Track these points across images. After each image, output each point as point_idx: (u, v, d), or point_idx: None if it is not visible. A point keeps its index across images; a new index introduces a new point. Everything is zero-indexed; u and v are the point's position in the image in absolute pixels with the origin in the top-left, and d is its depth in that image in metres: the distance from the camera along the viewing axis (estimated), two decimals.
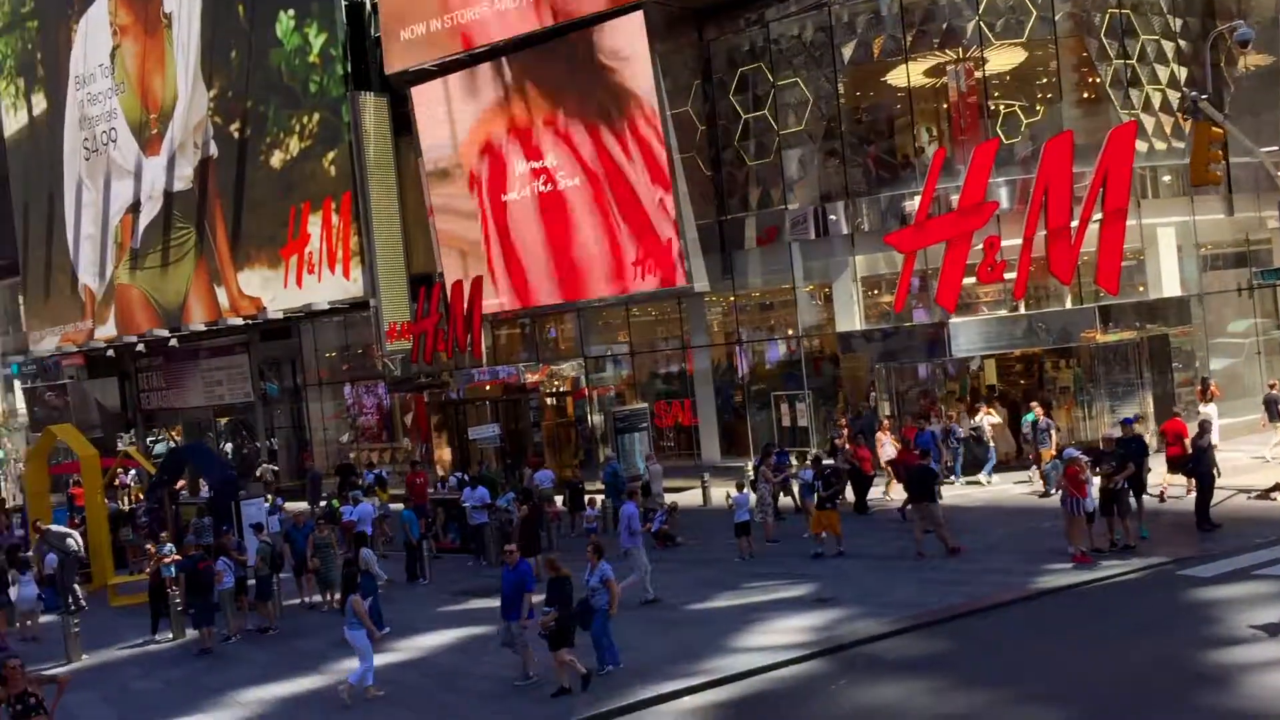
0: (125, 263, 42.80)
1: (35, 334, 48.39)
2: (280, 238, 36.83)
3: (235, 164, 38.25)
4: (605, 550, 14.96)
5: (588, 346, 33.18)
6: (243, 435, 43.71)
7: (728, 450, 30.36)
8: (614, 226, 29.41)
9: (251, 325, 38.95)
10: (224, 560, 19.09)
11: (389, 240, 34.69)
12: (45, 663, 19.11)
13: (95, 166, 43.93)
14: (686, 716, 12.85)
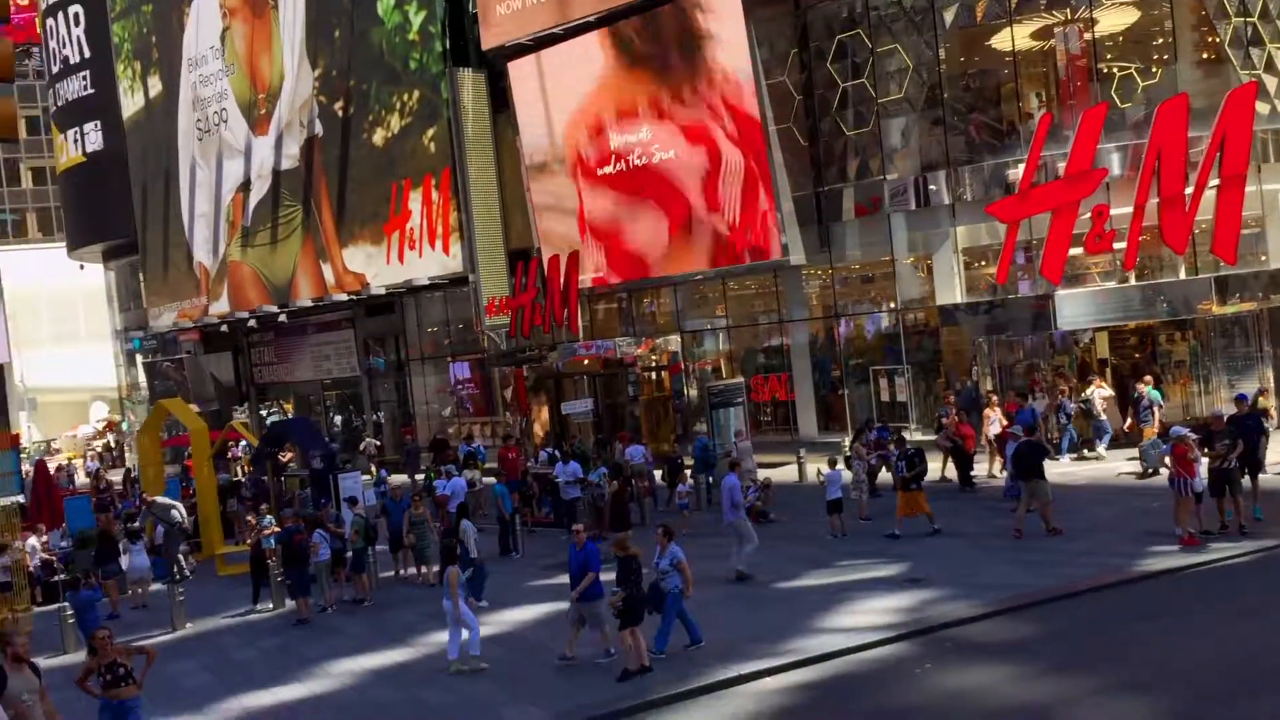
0: (237, 240, 43.93)
1: (154, 310, 50.03)
2: (383, 214, 37.37)
3: (339, 142, 38.88)
4: (675, 532, 14.84)
5: (684, 321, 33.00)
6: (350, 409, 44.64)
7: (825, 426, 29.96)
8: (709, 199, 29.13)
9: (356, 301, 39.67)
10: (320, 533, 19.46)
11: (487, 216, 34.96)
12: (153, 630, 19.81)
13: (208, 147, 45.10)
14: (767, 697, 12.67)
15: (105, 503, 27.69)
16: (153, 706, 14.74)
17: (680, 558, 14.10)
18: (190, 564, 25.22)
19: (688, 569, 14.09)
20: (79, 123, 54.35)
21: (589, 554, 14.10)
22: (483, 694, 13.68)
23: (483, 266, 34.50)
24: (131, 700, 11.43)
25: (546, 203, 33.44)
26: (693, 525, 22.80)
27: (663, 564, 14.02)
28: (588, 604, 13.93)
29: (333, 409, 45.78)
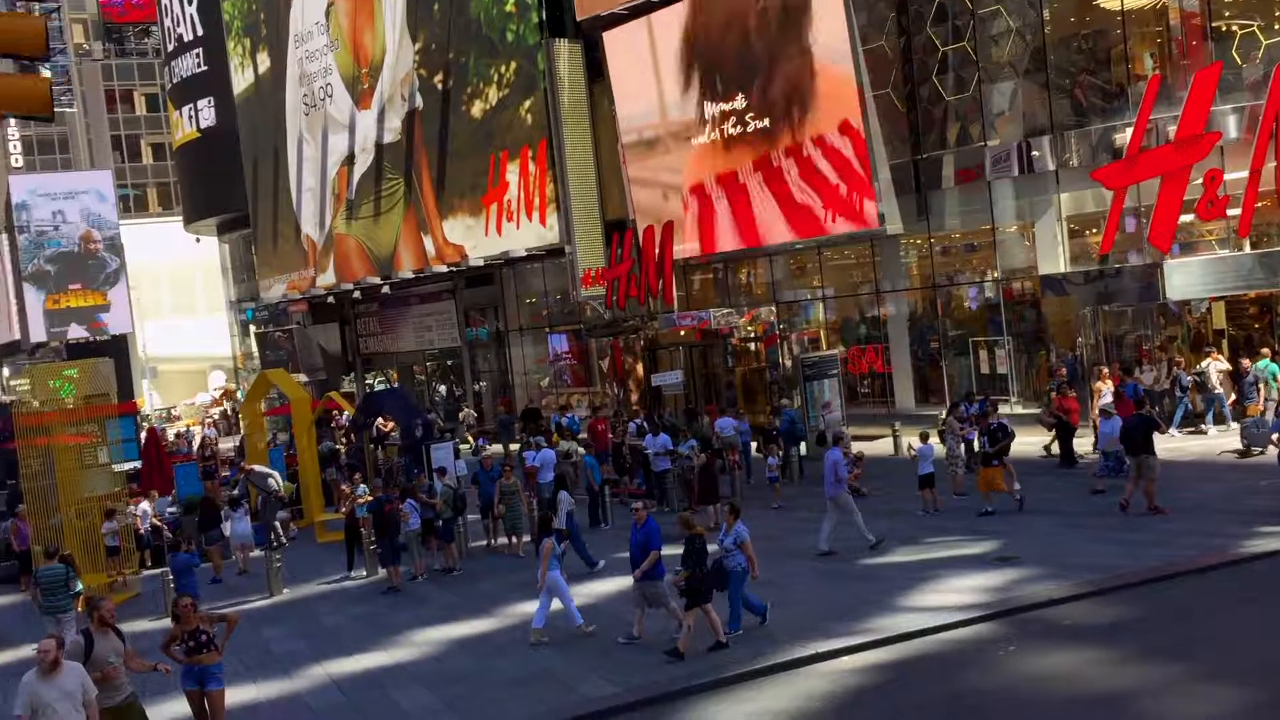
0: (342, 213, 44.77)
1: (265, 282, 51.39)
2: (481, 186, 37.68)
3: (439, 115, 39.27)
4: (741, 510, 14.62)
5: (780, 291, 32.64)
6: (451, 379, 45.29)
7: (923, 398, 29.38)
8: (805, 168, 28.65)
9: (456, 272, 40.14)
10: (410, 502, 19.74)
11: (583, 186, 34.98)
12: (253, 595, 20.38)
13: (314, 121, 45.98)
14: (842, 677, 12.47)
15: (210, 470, 28.59)
16: (244, 671, 15.22)
17: (744, 537, 13.89)
18: (291, 531, 25.91)
19: (750, 548, 13.86)
20: (193, 99, 56.02)
21: (649, 532, 13.99)
22: (557, 666, 13.74)
23: (579, 238, 34.57)
24: (213, 666, 11.72)
25: (641, 173, 33.31)
26: (783, 499, 22.64)
27: (727, 542, 13.85)
28: (649, 583, 13.84)
29: (435, 379, 46.51)
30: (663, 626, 14.08)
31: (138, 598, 21.50)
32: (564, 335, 39.09)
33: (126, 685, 11.40)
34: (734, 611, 13.94)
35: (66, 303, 74.45)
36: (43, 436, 22.23)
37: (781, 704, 11.84)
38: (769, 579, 16.66)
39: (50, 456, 21.87)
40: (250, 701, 13.95)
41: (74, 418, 23.06)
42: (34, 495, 22.18)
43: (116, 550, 21.61)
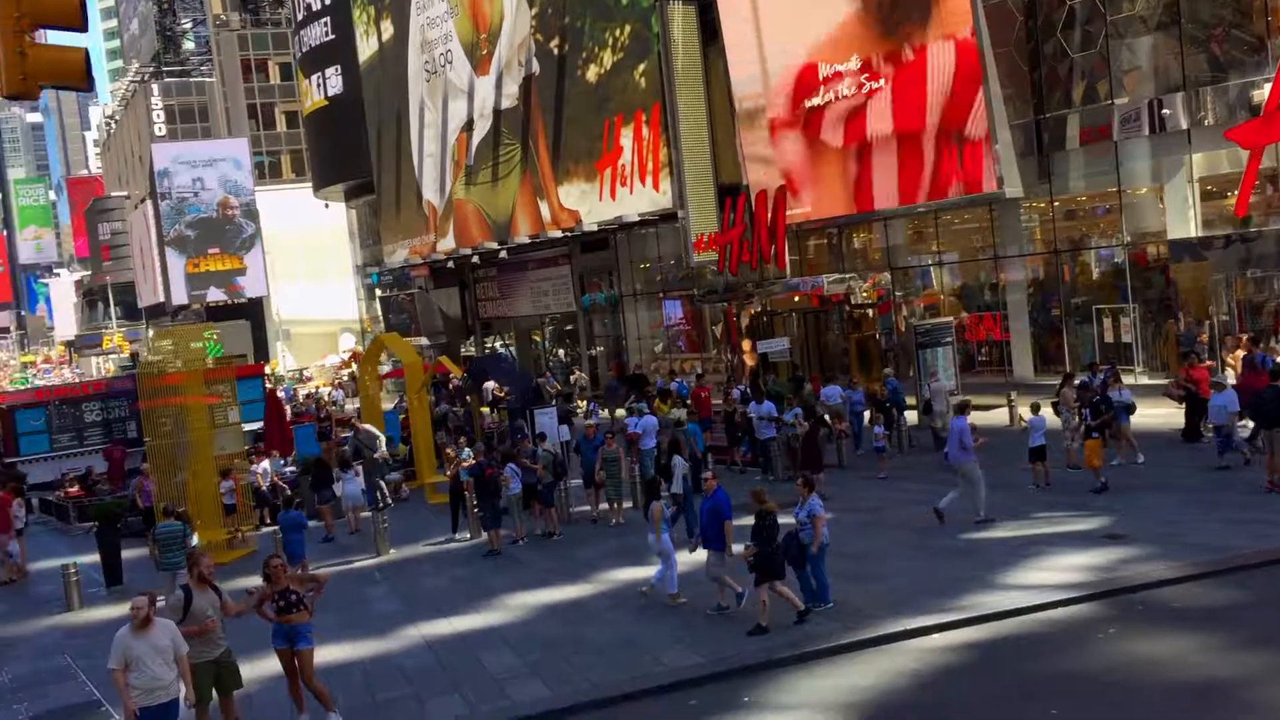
0: (461, 179, 45.34)
1: (389, 247, 52.43)
2: (596, 151, 37.68)
3: (555, 80, 39.33)
4: (816, 484, 14.39)
5: (896, 257, 31.89)
6: (567, 344, 45.60)
7: (1042, 367, 28.43)
8: (922, 130, 27.86)
9: (572, 237, 40.28)
10: (512, 467, 19.93)
11: (697, 151, 34.67)
12: (361, 554, 20.86)
13: (435, 88, 46.57)
14: (930, 655, 12.14)
15: (325, 431, 29.35)
16: (343, 629, 15.59)
17: (817, 511, 13.57)
18: (403, 492, 26.47)
19: (820, 523, 13.53)
20: (321, 68, 57.28)
21: (718, 502, 13.80)
22: (645, 635, 13.71)
23: (692, 202, 34.32)
24: (302, 625, 11.99)
25: (755, 136, 32.84)
26: (889, 469, 22.18)
27: (800, 515, 13.57)
28: (718, 554, 13.68)
29: (552, 343, 46.90)
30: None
31: (254, 554, 22.21)
32: (678, 301, 38.95)
33: (223, 641, 11.75)
34: (821, 583, 13.70)
35: (206, 266, 77.64)
36: (173, 396, 22.95)
37: (865, 680, 11.60)
38: (864, 551, 16.48)
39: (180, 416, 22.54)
40: (346, 660, 14.26)
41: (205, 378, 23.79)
42: (161, 454, 23.01)
43: (234, 508, 22.33)
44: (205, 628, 11.52)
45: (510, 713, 11.79)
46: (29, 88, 8.96)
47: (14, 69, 8.85)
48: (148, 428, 23.65)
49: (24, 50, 8.84)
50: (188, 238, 77.11)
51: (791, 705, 11.19)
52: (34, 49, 8.92)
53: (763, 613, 13.11)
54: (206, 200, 77.02)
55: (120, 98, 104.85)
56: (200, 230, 77.18)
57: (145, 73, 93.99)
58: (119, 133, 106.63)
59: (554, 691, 12.21)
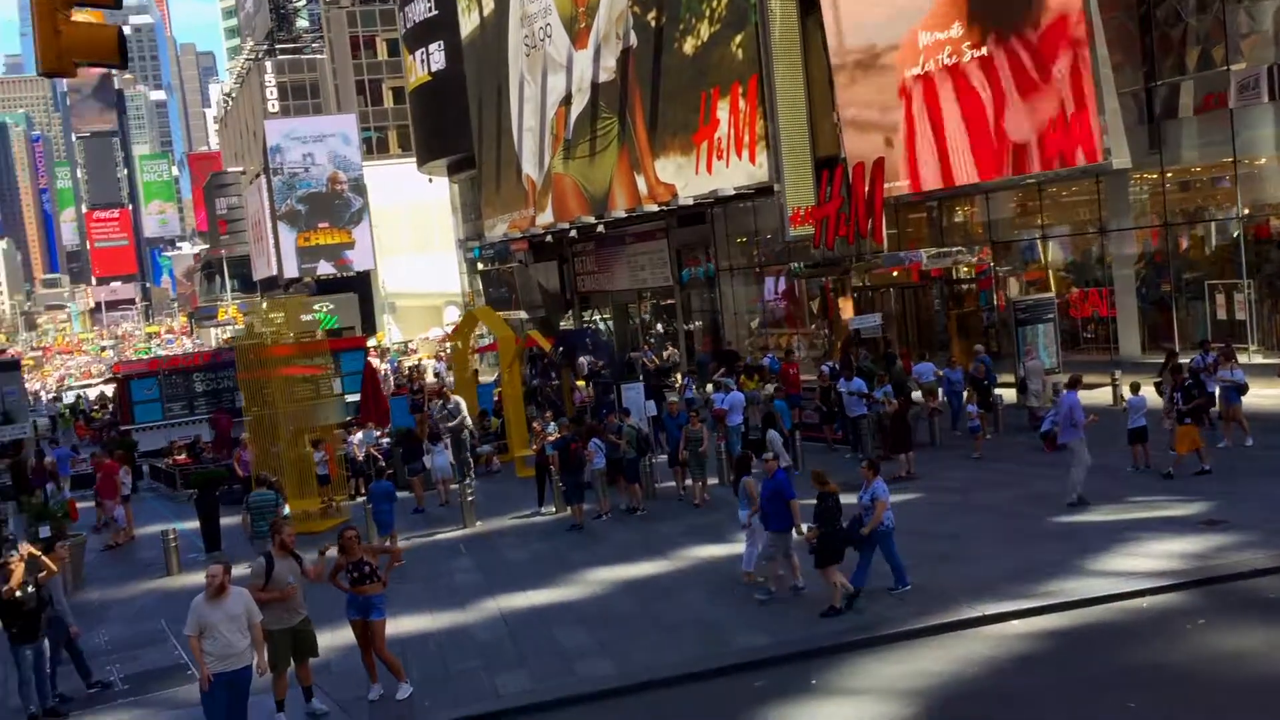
0: (560, 153, 45.42)
1: (489, 221, 52.89)
2: (692, 124, 37.37)
3: (652, 53, 39.07)
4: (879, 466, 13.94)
5: (997, 231, 31.01)
6: (664, 318, 45.51)
7: (1150, 345, 27.39)
8: (1025, 99, 26.95)
9: (668, 211, 40.08)
10: (595, 441, 19.94)
11: (794, 123, 34.13)
12: (449, 526, 21.10)
13: (534, 62, 46.69)
14: (1008, 642, 11.80)
15: (418, 404, 29.76)
16: (424, 600, 15.81)
17: (880, 495, 13.20)
18: (495, 465, 26.73)
19: (881, 507, 13.15)
20: (424, 43, 57.90)
21: (778, 483, 13.58)
22: (717, 614, 13.59)
23: (788, 176, 33.82)
24: (375, 596, 12.15)
25: (853, 107, 32.20)
26: (982, 449, 21.63)
27: (864, 498, 13.24)
28: (777, 535, 13.45)
29: (650, 318, 46.85)
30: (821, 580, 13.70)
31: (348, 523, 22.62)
32: (775, 275, 38.54)
33: (302, 609, 11.98)
34: (895, 567, 13.40)
35: (315, 240, 79.34)
36: (278, 368, 23.39)
37: (936, 666, 11.32)
38: (949, 532, 16.10)
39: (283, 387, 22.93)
40: (423, 630, 14.45)
41: (308, 350, 24.25)
42: (260, 424, 23.50)
43: (327, 479, 22.78)
44: (285, 594, 11.76)
45: (575, 689, 11.80)
46: (65, 65, 9.15)
47: (50, 47, 9.04)
48: (246, 398, 24.21)
49: (59, 28, 9.02)
50: (299, 212, 78.85)
51: (857, 690, 10.99)
52: (68, 27, 9.10)
53: (836, 594, 12.89)
54: (316, 175, 78.62)
55: (236, 75, 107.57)
56: (310, 205, 78.86)
57: (259, 50, 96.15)
58: (235, 109, 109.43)
59: (620, 669, 12.18)
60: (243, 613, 10.85)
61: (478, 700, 11.80)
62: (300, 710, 11.85)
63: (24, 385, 60.49)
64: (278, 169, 79.20)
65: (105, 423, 43.05)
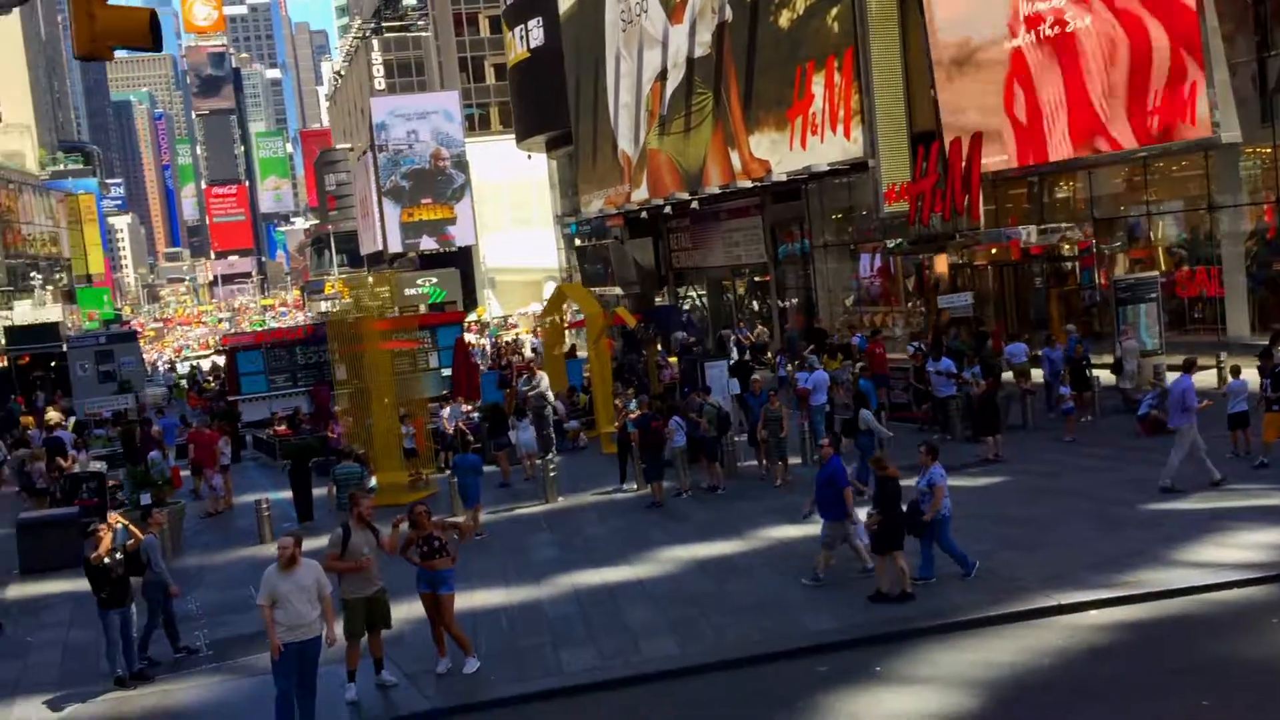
0: (655, 129, 45.32)
1: (585, 197, 53.08)
2: (787, 99, 36.93)
3: (747, 26, 38.67)
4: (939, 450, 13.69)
5: (1099, 207, 30.07)
6: (758, 295, 45.21)
7: (1260, 326, 26.30)
8: (1130, 71, 26.04)
9: (763, 187, 39.74)
10: (676, 419, 19.91)
11: (890, 97, 33.49)
12: (532, 501, 21.28)
13: (631, 37, 46.60)
14: (1082, 633, 11.49)
15: (506, 379, 30.07)
16: (499, 575, 16.01)
17: (937, 480, 12.93)
18: (582, 441, 26.91)
19: (940, 493, 12.90)
20: (523, 20, 58.21)
21: (831, 470, 13.42)
22: (788, 596, 13.49)
23: (884, 151, 33.23)
24: (445, 571, 12.33)
25: (950, 81, 31.46)
26: (1075, 432, 21.07)
27: (921, 484, 12.97)
28: (830, 522, 13.26)
29: (745, 295, 46.58)
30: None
31: (434, 495, 23.01)
32: (870, 253, 37.95)
33: (378, 580, 12.23)
34: (955, 555, 13.16)
35: (419, 216, 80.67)
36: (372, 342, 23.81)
37: (1005, 656, 11.09)
38: (1031, 517, 15.74)
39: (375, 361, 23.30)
40: (497, 605, 14.63)
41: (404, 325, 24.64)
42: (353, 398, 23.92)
43: (414, 452, 23.17)
44: (361, 565, 12.01)
45: (638, 668, 11.85)
46: (99, 49, 9.39)
47: (84, 31, 9.29)
48: (338, 372, 24.71)
49: (92, 13, 9.25)
50: (403, 188, 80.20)
51: (921, 678, 10.82)
52: (102, 11, 9.32)
53: (884, 579, 12.72)
54: (420, 152, 79.82)
55: (345, 54, 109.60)
56: (414, 181, 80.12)
57: (367, 29, 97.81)
58: (344, 87, 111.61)
59: (685, 649, 12.19)
60: (313, 584, 11.10)
61: (542, 676, 11.93)
62: (370, 681, 12.10)
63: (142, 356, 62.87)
64: (383, 145, 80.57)
65: (215, 393, 44.40)
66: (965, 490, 18.03)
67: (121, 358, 54.90)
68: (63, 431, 28.18)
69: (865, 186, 35.25)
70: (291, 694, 10.95)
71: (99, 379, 51.82)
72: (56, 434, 27.50)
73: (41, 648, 14.97)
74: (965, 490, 18.03)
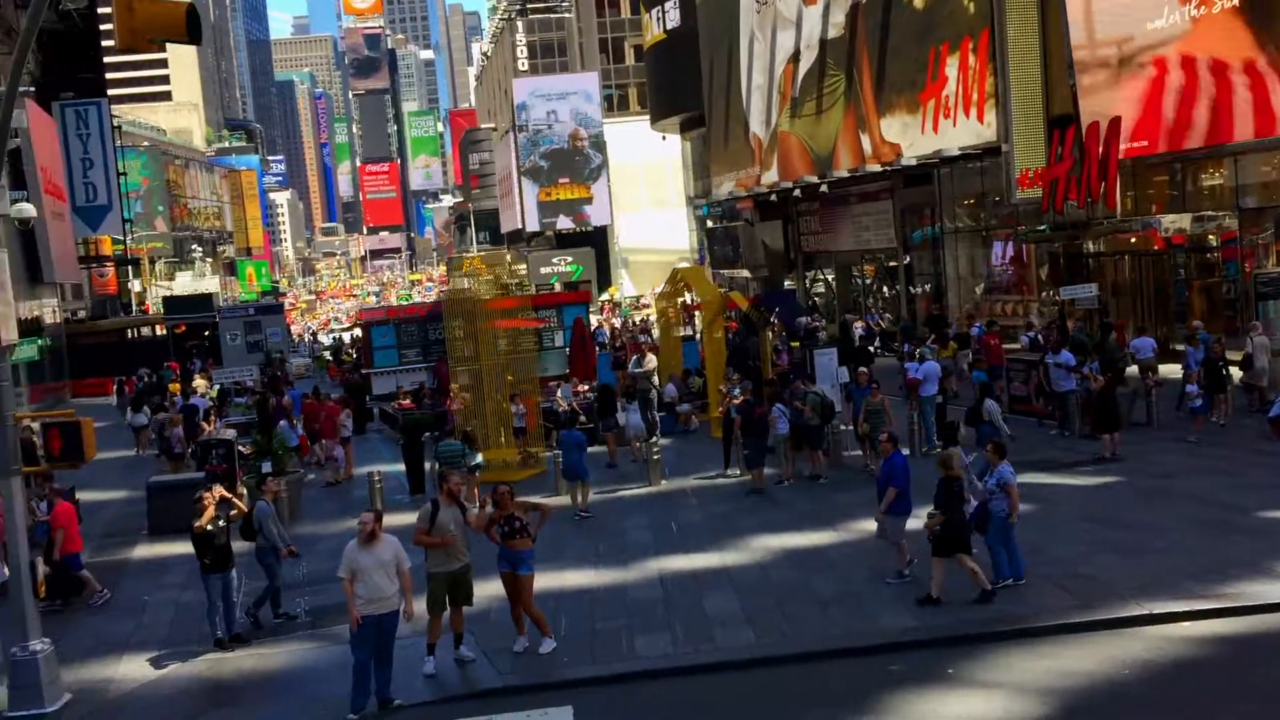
0: (786, 111, 44.87)
1: (717, 179, 52.91)
2: (920, 82, 36.12)
3: (881, 7, 37.93)
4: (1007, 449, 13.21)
5: (1244, 196, 28.58)
6: (887, 280, 44.43)
7: None
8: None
9: (893, 171, 39.00)
10: (779, 407, 19.76)
11: (1026, 80, 32.40)
12: (637, 483, 21.37)
13: (765, 18, 46.19)
14: (1167, 644, 11.04)
15: (620, 360, 30.22)
16: (590, 557, 16.18)
17: (1008, 479, 12.50)
18: (693, 425, 26.92)
19: (1014, 492, 12.51)
20: (661, 1, 58.16)
21: (893, 467, 13.16)
22: (872, 591, 13.30)
23: (1018, 135, 32.21)
24: (524, 551, 12.52)
25: (1090, 62, 30.27)
26: (1202, 432, 20.17)
27: (990, 483, 12.55)
28: (891, 519, 12.94)
29: (872, 281, 45.84)
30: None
31: (544, 474, 23.35)
32: (1003, 240, 36.89)
33: (464, 556, 12.51)
34: (1014, 559, 12.77)
35: (556, 195, 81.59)
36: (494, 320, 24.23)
37: (1085, 665, 10.74)
38: (1138, 521, 15.17)
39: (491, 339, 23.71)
40: (583, 586, 14.79)
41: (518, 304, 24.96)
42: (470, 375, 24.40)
43: (524, 430, 23.54)
44: (445, 541, 12.30)
45: (711, 657, 11.86)
46: (137, 41, 9.74)
47: (124, 24, 9.66)
48: (450, 350, 25.21)
49: (133, 6, 9.58)
50: (541, 168, 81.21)
51: (993, 683, 10.57)
52: (141, 5, 9.65)
53: (935, 584, 12.44)
54: (559, 132, 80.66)
55: (491, 35, 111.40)
56: (552, 161, 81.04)
57: (512, 11, 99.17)
58: (489, 68, 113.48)
59: (759, 640, 12.14)
60: (392, 559, 11.43)
61: (614, 660, 12.04)
62: (450, 655, 12.39)
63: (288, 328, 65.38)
64: (523, 126, 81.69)
65: (352, 365, 45.83)
66: (1074, 490, 17.53)
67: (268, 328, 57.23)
68: (198, 399, 29.46)
69: (998, 172, 34.25)
70: (368, 665, 11.32)
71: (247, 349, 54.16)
72: (193, 401, 28.79)
73: (156, 607, 15.77)
74: (1074, 490, 17.53)
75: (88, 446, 12.18)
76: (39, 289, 44.68)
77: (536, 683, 11.75)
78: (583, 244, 78.60)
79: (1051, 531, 14.78)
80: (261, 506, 14.83)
